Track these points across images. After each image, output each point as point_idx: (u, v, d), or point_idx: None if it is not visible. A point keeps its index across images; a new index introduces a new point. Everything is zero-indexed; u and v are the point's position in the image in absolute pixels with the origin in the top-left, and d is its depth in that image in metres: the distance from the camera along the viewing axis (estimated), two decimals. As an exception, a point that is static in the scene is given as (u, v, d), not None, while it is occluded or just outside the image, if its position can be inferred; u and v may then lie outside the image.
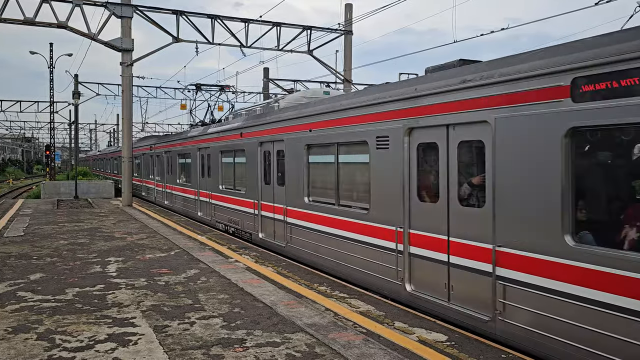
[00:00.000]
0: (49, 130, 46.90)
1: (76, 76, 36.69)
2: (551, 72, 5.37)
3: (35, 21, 20.87)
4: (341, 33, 26.58)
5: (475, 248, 6.41)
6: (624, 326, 4.70)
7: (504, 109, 5.92)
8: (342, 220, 9.32)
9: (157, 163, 26.23)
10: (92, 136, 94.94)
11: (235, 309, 7.24)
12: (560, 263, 5.33)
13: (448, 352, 5.68)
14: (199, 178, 18.70)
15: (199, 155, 18.64)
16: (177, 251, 11.92)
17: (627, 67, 4.67)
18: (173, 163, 22.61)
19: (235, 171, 15.23)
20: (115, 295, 8.00)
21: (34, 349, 5.71)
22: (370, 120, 8.46)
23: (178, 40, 23.01)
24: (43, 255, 11.33)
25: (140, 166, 30.94)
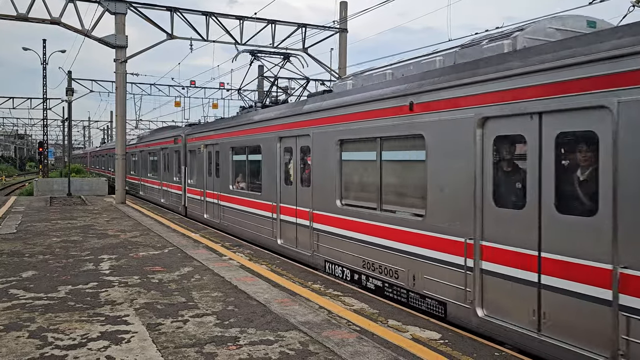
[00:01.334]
0: (42, 127, 46.67)
1: (69, 73, 36.48)
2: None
3: (28, 17, 20.74)
4: (336, 31, 26.55)
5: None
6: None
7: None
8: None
9: (190, 161, 19.22)
10: (85, 133, 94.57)
11: (229, 307, 7.23)
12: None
13: (441, 350, 5.69)
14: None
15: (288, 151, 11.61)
16: (171, 249, 11.88)
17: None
18: (226, 161, 15.19)
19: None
20: (108, 293, 7.97)
21: (26, 347, 5.68)
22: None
23: (172, 37, 22.93)
24: (35, 253, 11.27)
25: (158, 165, 24.31)
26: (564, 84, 5.28)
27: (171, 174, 21.77)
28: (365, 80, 9.59)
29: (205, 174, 17.08)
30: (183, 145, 19.82)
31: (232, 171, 14.89)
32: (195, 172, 18.57)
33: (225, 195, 15.23)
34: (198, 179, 18.03)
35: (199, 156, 17.82)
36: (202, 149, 17.43)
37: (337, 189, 9.48)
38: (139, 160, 29.35)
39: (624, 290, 4.71)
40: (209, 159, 16.94)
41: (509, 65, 5.97)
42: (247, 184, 14.04)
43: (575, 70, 5.17)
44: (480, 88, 6.25)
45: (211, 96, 46.64)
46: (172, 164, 21.61)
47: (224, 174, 15.44)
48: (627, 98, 4.66)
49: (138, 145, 29.74)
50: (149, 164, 26.67)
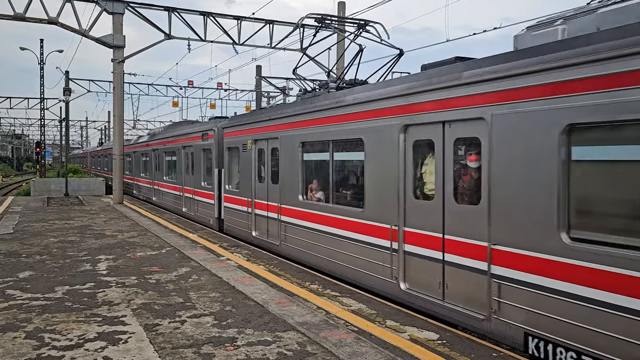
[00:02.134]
0: (39, 127, 46.57)
1: (67, 73, 36.44)
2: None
3: (25, 17, 20.69)
4: (334, 31, 26.52)
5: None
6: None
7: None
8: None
9: (229, 162, 15.13)
10: (83, 133, 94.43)
11: (227, 308, 7.21)
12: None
13: (439, 351, 5.69)
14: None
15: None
16: (168, 249, 11.86)
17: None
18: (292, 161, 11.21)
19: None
20: (106, 294, 7.95)
21: (23, 348, 5.66)
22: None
23: (170, 37, 22.89)
24: (32, 253, 11.23)
25: (178, 167, 20.14)
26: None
27: (197, 178, 17.55)
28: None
29: (254, 179, 12.88)
30: (216, 141, 15.68)
31: (302, 175, 10.78)
32: (236, 175, 14.44)
33: (293, 209, 10.94)
34: (243, 185, 13.61)
35: (245, 155, 13.49)
36: (250, 145, 13.12)
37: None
38: (151, 161, 25.14)
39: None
40: (259, 158, 12.93)
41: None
42: (329, 193, 9.93)
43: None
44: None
45: (209, 96, 46.63)
46: (198, 165, 17.41)
47: (287, 179, 11.19)
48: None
49: (150, 143, 25.49)
50: (165, 165, 22.55)
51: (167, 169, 22.23)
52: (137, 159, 28.91)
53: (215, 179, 15.68)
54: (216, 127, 15.89)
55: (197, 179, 17.56)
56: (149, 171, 25.70)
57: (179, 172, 19.90)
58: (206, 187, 16.66)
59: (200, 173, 17.20)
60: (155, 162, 24.23)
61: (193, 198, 18.02)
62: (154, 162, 24.42)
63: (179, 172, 19.81)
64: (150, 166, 25.40)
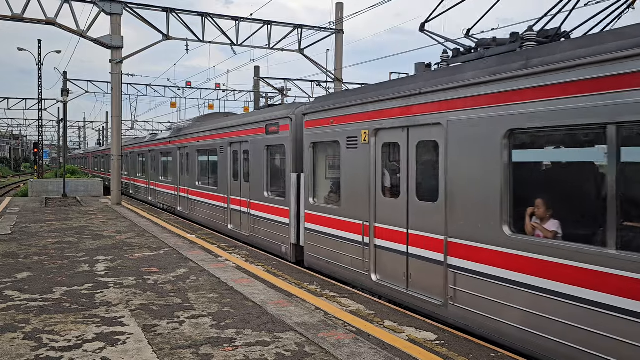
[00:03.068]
0: (37, 127, 46.51)
1: (65, 73, 36.41)
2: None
3: (23, 17, 20.67)
4: (332, 32, 26.59)
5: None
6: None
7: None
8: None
9: (314, 163, 10.56)
10: (81, 134, 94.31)
11: (225, 308, 7.22)
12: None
13: (437, 351, 5.70)
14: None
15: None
16: (167, 250, 11.86)
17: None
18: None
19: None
20: (104, 295, 7.94)
21: (21, 349, 5.65)
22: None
23: (168, 38, 22.89)
24: (30, 254, 11.22)
25: (221, 171, 15.33)
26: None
27: (257, 186, 12.81)
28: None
29: (374, 191, 8.46)
30: (293, 134, 11.11)
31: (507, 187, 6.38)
32: (325, 183, 10.37)
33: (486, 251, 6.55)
34: (350, 200, 9.05)
35: (353, 154, 8.93)
36: (366, 138, 8.55)
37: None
38: (175, 162, 20.42)
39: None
40: (387, 158, 8.50)
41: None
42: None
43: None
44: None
45: (207, 97, 46.65)
46: (259, 168, 12.72)
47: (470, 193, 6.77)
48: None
49: (174, 140, 20.57)
50: (197, 168, 17.76)
51: (202, 173, 17.48)
52: (154, 159, 24.25)
53: (291, 189, 11.01)
54: (293, 114, 11.09)
55: (257, 188, 12.83)
56: (172, 174, 20.94)
57: (222, 177, 15.19)
58: (273, 199, 12.01)
59: (263, 179, 12.51)
60: (181, 163, 19.56)
61: (249, 213, 13.27)
62: (179, 163, 19.81)
63: (223, 177, 15.12)
64: (174, 168, 20.69)
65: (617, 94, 4.84)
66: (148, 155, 25.38)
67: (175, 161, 20.39)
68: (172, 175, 20.84)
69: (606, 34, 5.25)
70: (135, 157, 29.02)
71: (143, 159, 26.81)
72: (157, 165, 23.56)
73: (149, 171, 25.10)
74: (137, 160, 28.56)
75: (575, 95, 5.21)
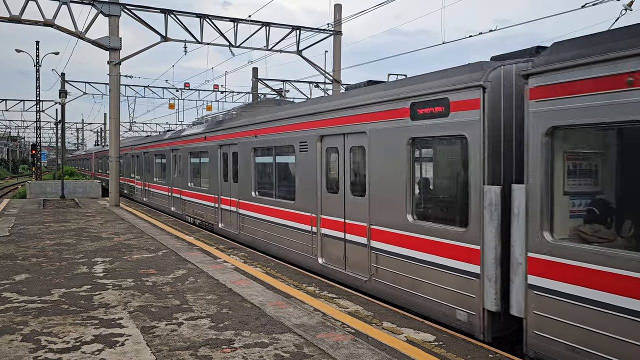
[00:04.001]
0: (35, 129, 46.45)
1: (63, 75, 36.39)
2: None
3: (21, 19, 20.65)
4: (330, 33, 26.60)
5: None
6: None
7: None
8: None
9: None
10: (79, 135, 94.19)
11: (224, 310, 7.22)
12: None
13: (436, 352, 5.71)
14: None
15: None
16: (165, 251, 11.85)
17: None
18: None
19: None
20: (102, 296, 7.94)
21: (19, 351, 5.65)
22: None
23: (166, 39, 22.89)
24: (29, 256, 11.21)
25: (332, 179, 9.89)
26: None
27: (381, 207, 8.22)
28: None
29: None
30: (499, 115, 6.37)
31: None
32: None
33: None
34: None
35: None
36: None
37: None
38: (216, 164, 15.38)
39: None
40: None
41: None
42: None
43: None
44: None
45: (205, 98, 46.67)
46: (381, 176, 8.23)
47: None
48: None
49: (214, 136, 15.70)
50: (254, 173, 13.02)
51: (264, 180, 12.77)
52: (180, 160, 19.32)
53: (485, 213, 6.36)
54: (501, 71, 6.37)
55: (386, 209, 8.12)
56: (210, 180, 16.02)
57: (304, 187, 10.44)
58: (446, 232, 7.01)
59: (399, 195, 7.82)
60: (225, 166, 14.88)
61: (371, 247, 8.47)
62: (221, 165, 15.07)
63: (305, 188, 10.38)
64: (212, 172, 15.78)
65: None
66: (170, 155, 20.69)
67: (214, 163, 15.56)
68: (210, 181, 16.09)
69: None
70: (150, 157, 24.45)
71: (162, 160, 22.19)
72: (185, 167, 18.72)
73: (171, 175, 20.52)
74: (152, 162, 23.90)
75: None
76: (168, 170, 21.12)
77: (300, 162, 10.52)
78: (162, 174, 22.49)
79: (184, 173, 18.91)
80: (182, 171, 19.05)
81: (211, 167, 15.90)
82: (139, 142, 28.10)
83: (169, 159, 20.93)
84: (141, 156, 26.73)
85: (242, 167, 13.53)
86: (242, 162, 13.54)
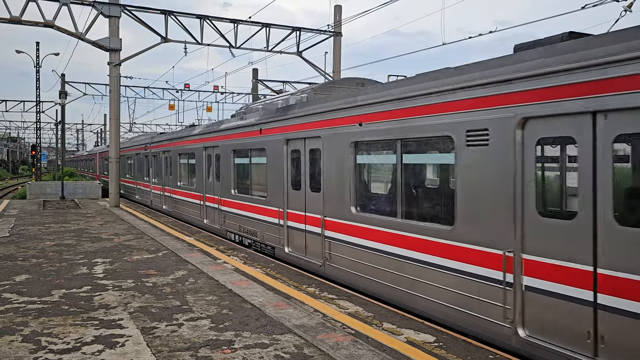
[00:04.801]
0: (35, 130, 46.47)
1: (63, 75, 36.41)
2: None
3: (21, 20, 20.68)
4: (330, 34, 26.61)
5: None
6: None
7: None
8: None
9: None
10: (79, 136, 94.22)
11: (224, 311, 7.22)
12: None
13: (436, 353, 5.71)
14: None
15: None
16: (165, 252, 11.85)
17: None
18: None
19: None
20: (102, 297, 7.94)
21: (19, 351, 5.65)
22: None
23: (166, 40, 22.91)
24: (29, 257, 11.21)
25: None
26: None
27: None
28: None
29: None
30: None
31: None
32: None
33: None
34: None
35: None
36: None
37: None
38: (281, 165, 11.49)
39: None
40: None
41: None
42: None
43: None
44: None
45: (205, 99, 46.69)
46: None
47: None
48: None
49: (273, 128, 11.95)
50: (354, 179, 9.09)
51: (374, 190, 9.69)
52: (219, 160, 15.39)
53: None
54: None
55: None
56: (273, 188, 11.85)
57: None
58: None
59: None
60: (293, 167, 11.16)
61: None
62: (288, 166, 11.27)
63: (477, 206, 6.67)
64: (272, 176, 11.92)
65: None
66: (202, 154, 16.67)
67: (276, 164, 11.65)
68: (268, 189, 12.06)
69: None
70: (173, 157, 20.28)
71: (191, 160, 18.18)
72: (226, 170, 14.76)
73: (204, 179, 16.58)
74: (176, 163, 19.91)
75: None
76: (200, 173, 16.83)
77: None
78: (189, 178, 18.21)
79: (225, 177, 14.80)
80: (223, 174, 14.94)
81: (272, 170, 11.78)
82: (159, 140, 22.98)
83: (201, 158, 16.68)
84: (159, 156, 22.38)
85: (337, 171, 9.39)
86: (337, 163, 9.39)
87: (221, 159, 15.16)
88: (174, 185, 20.50)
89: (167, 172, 21.51)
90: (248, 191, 13.53)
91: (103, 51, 22.49)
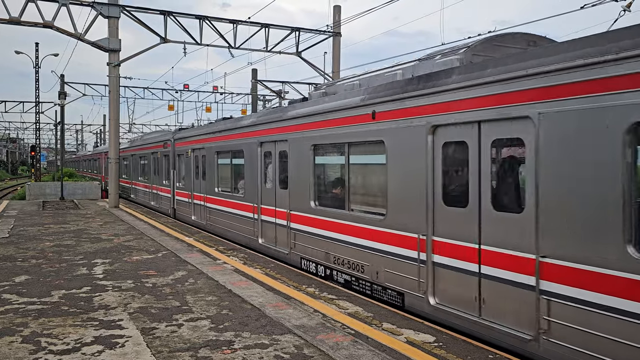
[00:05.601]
0: (34, 130, 46.44)
1: (62, 76, 36.40)
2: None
3: (20, 20, 20.67)
4: (329, 35, 26.62)
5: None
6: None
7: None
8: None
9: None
10: (78, 137, 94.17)
11: (224, 311, 7.22)
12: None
13: (436, 353, 5.72)
14: None
15: None
16: (165, 253, 11.85)
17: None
18: None
19: None
20: (102, 298, 7.94)
21: (19, 352, 5.65)
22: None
23: (166, 40, 22.91)
24: (28, 257, 11.21)
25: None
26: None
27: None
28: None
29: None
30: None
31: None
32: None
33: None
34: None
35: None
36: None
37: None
38: (388, 170, 8.09)
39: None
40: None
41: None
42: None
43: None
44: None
45: (205, 100, 46.68)
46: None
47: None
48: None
49: (335, 119, 9.38)
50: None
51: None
52: (288, 160, 11.24)
53: None
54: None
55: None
56: (380, 194, 8.49)
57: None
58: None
59: None
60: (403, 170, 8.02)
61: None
62: (392, 167, 8.04)
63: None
64: (385, 181, 8.30)
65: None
66: (256, 152, 12.77)
67: (412, 164, 7.71)
68: (375, 196, 8.83)
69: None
70: (209, 156, 16.42)
71: (233, 160, 14.73)
72: (297, 173, 10.83)
73: (259, 186, 12.66)
74: (213, 163, 16.13)
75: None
76: (250, 177, 13.08)
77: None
78: (231, 183, 14.90)
79: (296, 185, 10.80)
80: (294, 180, 10.88)
81: (395, 174, 8.01)
82: (186, 135, 19.21)
83: (253, 157, 12.87)
84: (188, 155, 18.66)
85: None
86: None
87: (289, 157, 11.08)
88: (209, 191, 16.24)
89: (198, 175, 17.42)
90: (344, 205, 9.30)
91: (102, 52, 22.50)
